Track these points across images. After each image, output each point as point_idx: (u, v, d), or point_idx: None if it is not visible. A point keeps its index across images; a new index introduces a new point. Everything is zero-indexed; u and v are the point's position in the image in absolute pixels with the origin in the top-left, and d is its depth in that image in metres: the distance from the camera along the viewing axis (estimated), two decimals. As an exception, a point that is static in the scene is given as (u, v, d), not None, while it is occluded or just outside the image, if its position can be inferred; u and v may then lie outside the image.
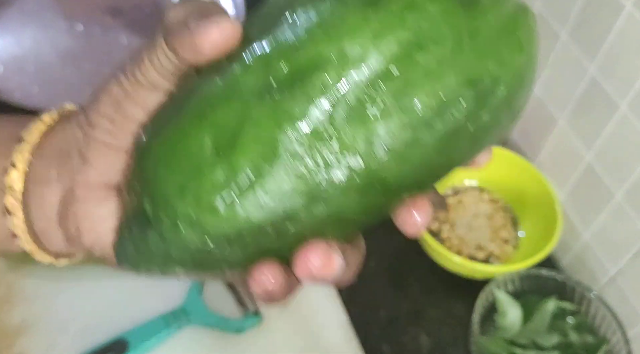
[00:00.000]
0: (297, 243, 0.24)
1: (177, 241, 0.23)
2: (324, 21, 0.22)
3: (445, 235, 0.66)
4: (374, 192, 0.25)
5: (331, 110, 0.22)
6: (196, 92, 0.24)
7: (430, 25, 0.22)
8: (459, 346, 0.59)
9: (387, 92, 0.22)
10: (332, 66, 0.22)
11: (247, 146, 0.22)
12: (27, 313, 0.56)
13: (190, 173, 0.23)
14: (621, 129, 0.52)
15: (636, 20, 0.48)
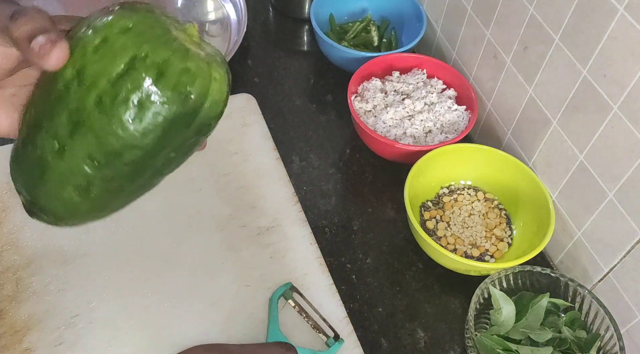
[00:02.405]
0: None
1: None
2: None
3: (441, 233, 0.67)
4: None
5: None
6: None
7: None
8: (454, 341, 0.60)
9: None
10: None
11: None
12: (35, 309, 0.57)
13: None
14: (613, 130, 0.53)
15: (629, 24, 0.49)
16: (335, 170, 0.74)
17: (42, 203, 0.39)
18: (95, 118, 0.33)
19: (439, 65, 0.77)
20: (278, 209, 0.65)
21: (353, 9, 0.89)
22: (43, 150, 0.35)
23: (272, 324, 0.55)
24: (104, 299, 0.58)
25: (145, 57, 0.33)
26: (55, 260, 0.60)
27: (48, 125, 0.35)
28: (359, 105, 0.74)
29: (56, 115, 0.34)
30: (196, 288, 0.59)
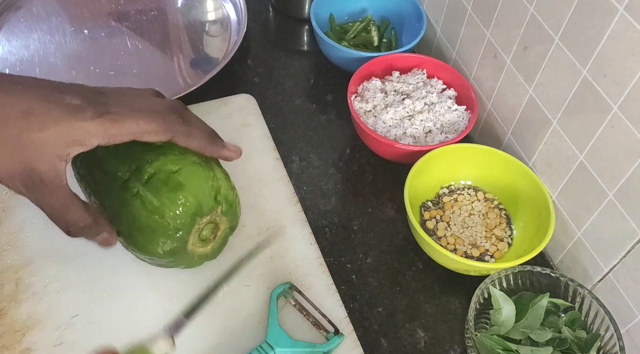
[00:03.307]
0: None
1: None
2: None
3: (441, 233, 0.67)
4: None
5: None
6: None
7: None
8: (454, 341, 0.60)
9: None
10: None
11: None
12: (35, 309, 0.57)
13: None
14: (613, 130, 0.53)
15: (629, 24, 0.49)
16: (335, 170, 0.74)
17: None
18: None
19: (439, 65, 0.77)
20: (278, 209, 0.65)
21: (353, 9, 0.89)
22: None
23: (271, 320, 0.55)
24: (104, 300, 0.58)
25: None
26: (55, 260, 0.60)
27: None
28: (359, 105, 0.74)
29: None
30: (196, 287, 0.59)
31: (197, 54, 0.86)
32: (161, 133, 0.47)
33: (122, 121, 0.44)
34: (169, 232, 0.51)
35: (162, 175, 0.50)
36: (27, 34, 0.86)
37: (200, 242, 0.55)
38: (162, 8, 0.92)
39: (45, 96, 0.42)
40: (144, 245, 0.52)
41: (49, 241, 0.61)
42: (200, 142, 0.51)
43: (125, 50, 0.84)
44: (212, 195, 0.52)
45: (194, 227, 0.53)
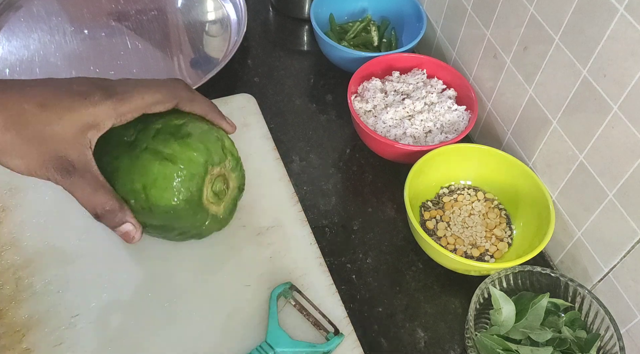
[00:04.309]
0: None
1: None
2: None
3: (441, 233, 0.67)
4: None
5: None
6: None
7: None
8: (454, 341, 0.60)
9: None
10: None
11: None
12: (35, 309, 0.57)
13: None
14: (613, 130, 0.53)
15: (629, 24, 0.49)
16: (335, 170, 0.74)
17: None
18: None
19: (439, 65, 0.77)
20: (278, 209, 0.65)
21: (353, 9, 0.89)
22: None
23: (271, 320, 0.55)
24: (104, 300, 0.58)
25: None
26: (55, 260, 0.60)
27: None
28: (359, 105, 0.74)
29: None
30: (196, 287, 0.59)
31: (197, 54, 0.86)
32: (167, 101, 0.50)
33: (129, 98, 0.48)
34: (183, 178, 0.51)
35: (170, 128, 0.51)
36: (27, 34, 0.86)
37: (214, 197, 0.54)
38: (162, 8, 0.92)
39: (55, 88, 0.46)
40: (159, 196, 0.50)
41: (49, 241, 0.61)
42: (203, 107, 0.54)
43: (125, 50, 0.84)
44: (220, 145, 0.54)
45: (206, 176, 0.52)
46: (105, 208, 0.48)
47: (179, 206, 0.51)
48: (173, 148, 0.51)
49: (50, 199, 0.65)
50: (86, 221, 0.63)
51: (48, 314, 0.56)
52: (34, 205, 0.64)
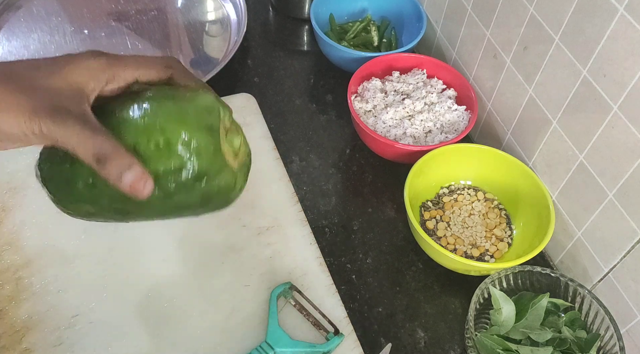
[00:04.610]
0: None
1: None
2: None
3: (441, 233, 0.67)
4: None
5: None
6: None
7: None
8: (454, 341, 0.60)
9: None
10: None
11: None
12: (35, 309, 0.57)
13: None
14: (613, 130, 0.53)
15: (629, 24, 0.49)
16: (335, 170, 0.74)
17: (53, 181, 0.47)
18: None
19: (439, 65, 0.77)
20: (278, 209, 0.65)
21: (353, 9, 0.89)
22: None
23: (271, 320, 0.55)
24: (103, 300, 0.58)
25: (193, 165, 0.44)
26: (55, 260, 0.60)
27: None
28: (359, 105, 0.74)
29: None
30: (196, 287, 0.59)
31: (197, 54, 0.86)
32: (161, 70, 0.47)
33: (123, 58, 0.45)
34: (198, 112, 0.44)
35: (167, 89, 0.46)
36: (27, 34, 0.86)
37: (230, 148, 0.48)
38: (162, 8, 0.92)
39: (50, 57, 0.45)
40: (176, 132, 0.42)
41: (49, 241, 0.61)
42: (199, 82, 0.50)
43: (125, 50, 0.84)
44: (222, 102, 0.48)
45: (220, 119, 0.46)
46: (108, 151, 0.41)
47: (200, 140, 0.43)
48: (183, 93, 0.45)
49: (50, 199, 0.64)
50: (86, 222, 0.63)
51: (48, 314, 0.56)
52: (34, 205, 0.64)
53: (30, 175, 0.66)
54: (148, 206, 0.45)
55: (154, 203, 0.44)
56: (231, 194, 0.48)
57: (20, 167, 0.67)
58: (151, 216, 0.48)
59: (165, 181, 0.43)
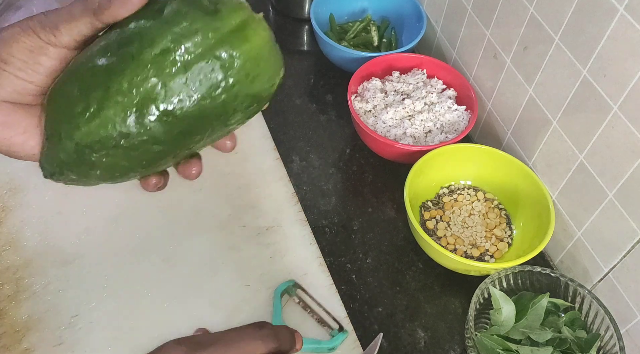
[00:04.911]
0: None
1: (66, 151, 0.36)
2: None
3: (441, 233, 0.67)
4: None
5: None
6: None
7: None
8: (454, 341, 0.60)
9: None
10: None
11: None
12: (35, 309, 0.57)
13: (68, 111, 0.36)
14: (613, 130, 0.53)
15: (629, 24, 0.49)
16: (335, 170, 0.74)
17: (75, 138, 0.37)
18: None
19: (439, 65, 0.77)
20: (278, 209, 0.65)
21: (353, 9, 0.89)
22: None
23: (275, 317, 0.55)
24: (103, 300, 0.58)
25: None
26: (55, 260, 0.60)
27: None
28: (359, 105, 0.74)
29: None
30: (196, 288, 0.59)
31: (197, 53, 0.85)
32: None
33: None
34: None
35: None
36: (27, 34, 0.86)
37: None
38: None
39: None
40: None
41: (49, 241, 0.61)
42: None
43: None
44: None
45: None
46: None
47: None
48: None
49: (50, 199, 0.65)
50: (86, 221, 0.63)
51: (48, 314, 0.56)
52: (34, 205, 0.64)
53: (30, 175, 0.66)
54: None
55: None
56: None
57: (20, 167, 0.67)
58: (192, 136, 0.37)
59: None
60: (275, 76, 0.39)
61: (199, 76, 0.35)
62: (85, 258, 0.60)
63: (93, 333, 0.55)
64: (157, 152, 0.37)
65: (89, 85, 0.36)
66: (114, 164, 0.37)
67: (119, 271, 0.60)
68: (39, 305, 0.57)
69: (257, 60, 0.37)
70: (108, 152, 0.36)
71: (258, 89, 0.38)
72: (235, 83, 0.36)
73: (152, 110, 0.35)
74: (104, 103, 0.35)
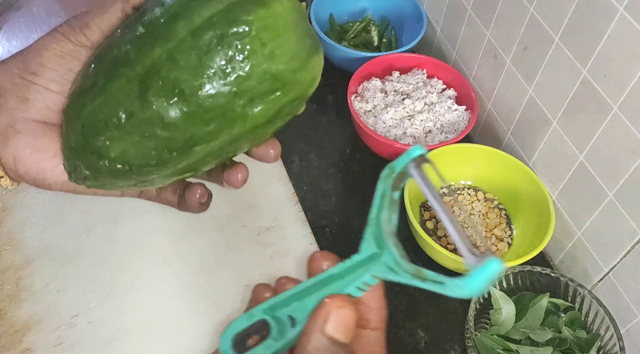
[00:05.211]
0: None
1: (75, 134, 0.33)
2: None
3: (441, 233, 0.67)
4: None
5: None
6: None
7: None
8: (454, 341, 0.60)
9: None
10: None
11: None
12: (35, 309, 0.57)
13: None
14: (613, 130, 0.53)
15: (629, 24, 0.49)
16: (335, 170, 0.74)
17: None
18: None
19: (439, 65, 0.77)
20: (278, 209, 0.65)
21: (353, 9, 0.89)
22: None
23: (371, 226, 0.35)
24: (103, 300, 0.58)
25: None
26: (55, 260, 0.60)
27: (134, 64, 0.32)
28: (359, 105, 0.74)
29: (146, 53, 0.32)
30: (196, 288, 0.59)
31: (197, 53, 0.85)
32: None
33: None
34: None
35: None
36: (27, 34, 0.86)
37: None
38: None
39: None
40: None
41: (48, 241, 0.61)
42: None
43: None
44: None
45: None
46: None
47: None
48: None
49: (50, 199, 0.65)
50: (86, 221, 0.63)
51: (48, 314, 0.56)
52: (34, 205, 0.64)
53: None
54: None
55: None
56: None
57: (20, 166, 0.67)
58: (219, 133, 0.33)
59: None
60: (307, 61, 0.33)
61: (208, 45, 0.30)
62: (85, 258, 0.60)
63: (93, 333, 0.55)
64: (166, 139, 0.32)
65: (102, 66, 0.33)
66: (122, 154, 0.33)
67: (119, 271, 0.59)
68: (38, 305, 0.57)
69: (277, 31, 0.31)
70: (112, 133, 0.32)
71: (280, 69, 0.32)
72: (248, 55, 0.30)
73: (156, 84, 0.31)
74: (110, 78, 0.32)
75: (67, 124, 0.34)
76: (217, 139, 0.33)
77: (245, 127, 0.33)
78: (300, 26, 0.32)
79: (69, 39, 0.34)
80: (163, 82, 0.31)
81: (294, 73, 0.33)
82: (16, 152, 0.34)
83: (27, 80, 0.34)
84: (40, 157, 0.35)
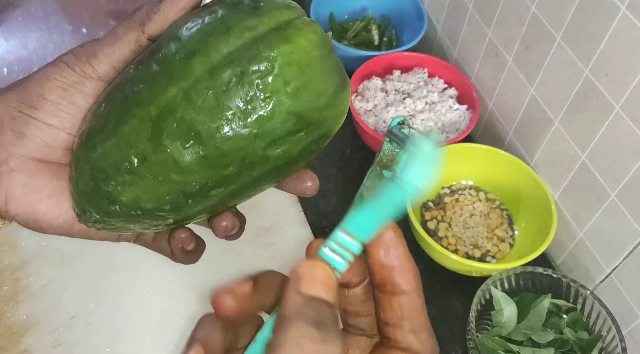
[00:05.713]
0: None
1: (84, 177, 0.31)
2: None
3: (443, 234, 0.67)
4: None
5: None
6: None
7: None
8: (456, 343, 0.60)
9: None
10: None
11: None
12: (33, 310, 0.56)
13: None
14: (615, 130, 0.53)
15: (631, 23, 0.48)
16: (335, 170, 0.74)
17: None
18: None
19: (440, 64, 0.76)
20: (278, 209, 0.65)
21: (353, 8, 0.89)
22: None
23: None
24: (102, 300, 0.57)
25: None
26: (54, 261, 0.60)
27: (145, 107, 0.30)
28: (359, 104, 0.73)
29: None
30: (196, 288, 0.59)
31: (197, 53, 0.85)
32: None
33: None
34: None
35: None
36: (25, 33, 0.86)
37: None
38: (161, 7, 0.91)
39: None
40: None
41: (47, 242, 0.61)
42: None
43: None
44: None
45: None
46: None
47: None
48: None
49: (48, 199, 0.64)
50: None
51: (46, 315, 0.56)
52: (32, 205, 0.64)
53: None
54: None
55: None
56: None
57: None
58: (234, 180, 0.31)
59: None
60: (334, 98, 0.31)
61: (227, 84, 0.28)
62: (84, 259, 0.60)
63: (92, 334, 0.55)
64: (181, 183, 0.30)
65: (114, 105, 0.30)
66: (134, 199, 0.31)
67: (118, 271, 0.59)
68: (37, 306, 0.57)
69: (302, 67, 0.29)
70: (124, 178, 0.30)
71: (304, 107, 0.30)
72: (271, 94, 0.29)
73: (170, 126, 0.29)
74: (121, 119, 0.30)
75: (77, 167, 0.32)
76: (235, 183, 0.31)
77: (266, 168, 0.31)
78: (327, 60, 0.31)
79: (72, 70, 0.32)
80: (178, 124, 0.29)
81: (319, 111, 0.30)
82: (8, 190, 0.32)
83: (26, 114, 0.32)
84: (33, 197, 0.32)
